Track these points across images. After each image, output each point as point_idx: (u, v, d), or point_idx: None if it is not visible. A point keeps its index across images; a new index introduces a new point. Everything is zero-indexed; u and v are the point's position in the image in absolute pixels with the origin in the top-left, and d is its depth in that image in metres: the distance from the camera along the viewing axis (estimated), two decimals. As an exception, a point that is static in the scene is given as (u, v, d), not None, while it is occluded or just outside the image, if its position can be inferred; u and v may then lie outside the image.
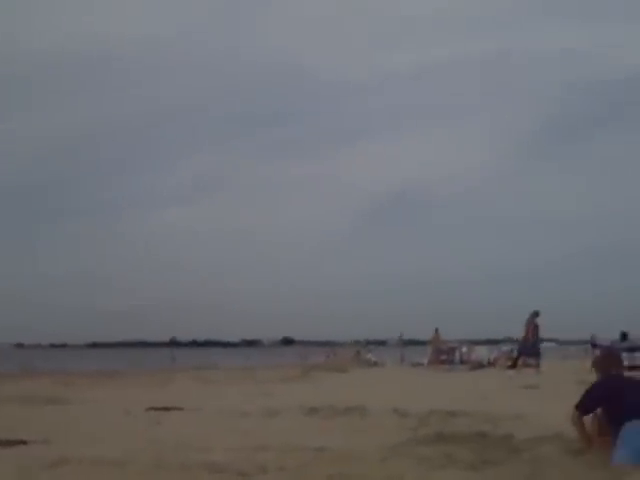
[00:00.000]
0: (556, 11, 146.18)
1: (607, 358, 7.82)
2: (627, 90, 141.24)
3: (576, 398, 7.14)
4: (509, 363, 30.26)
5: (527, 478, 5.56)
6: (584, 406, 7.09)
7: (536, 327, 25.74)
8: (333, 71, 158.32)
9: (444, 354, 34.64)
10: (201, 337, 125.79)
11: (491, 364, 31.61)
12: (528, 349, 25.71)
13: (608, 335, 24.72)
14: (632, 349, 21.55)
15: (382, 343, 48.28)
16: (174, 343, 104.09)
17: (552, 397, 13.14)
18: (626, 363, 19.30)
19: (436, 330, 35.26)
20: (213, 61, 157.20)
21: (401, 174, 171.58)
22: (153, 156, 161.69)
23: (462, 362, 33.17)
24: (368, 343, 45.57)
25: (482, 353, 34.06)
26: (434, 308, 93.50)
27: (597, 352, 21.52)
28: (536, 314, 25.85)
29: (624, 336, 24.88)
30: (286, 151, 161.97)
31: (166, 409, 12.49)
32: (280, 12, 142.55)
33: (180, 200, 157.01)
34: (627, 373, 16.77)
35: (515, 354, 31.41)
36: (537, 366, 24.83)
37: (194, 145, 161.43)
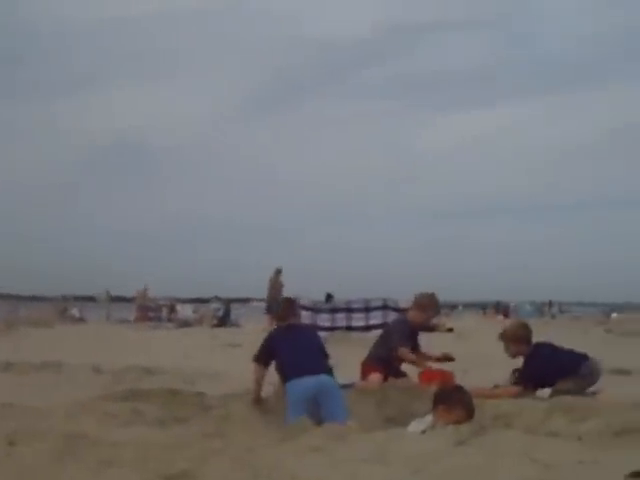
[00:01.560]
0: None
1: (285, 306, 7.70)
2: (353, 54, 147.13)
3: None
4: (215, 322, 30.72)
5: (211, 434, 5.67)
6: (259, 357, 7.20)
7: (281, 285, 25.40)
8: (57, 17, 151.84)
9: (151, 311, 34.64)
10: None
11: (198, 322, 31.89)
12: (274, 307, 24.98)
13: (315, 296, 25.25)
14: (335, 310, 22.29)
15: (91, 299, 46.99)
16: None
17: (251, 355, 13.45)
18: (328, 324, 20.38)
19: (144, 287, 35.16)
20: None
21: (122, 123, 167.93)
22: None
23: (169, 320, 33.28)
24: (75, 299, 44.24)
25: (189, 311, 34.31)
26: (145, 264, 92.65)
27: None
28: (279, 271, 25.52)
29: (329, 297, 25.64)
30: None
31: None
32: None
33: None
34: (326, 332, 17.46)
35: (221, 313, 31.96)
36: None
37: None
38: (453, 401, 5.88)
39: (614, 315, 46.23)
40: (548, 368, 7.68)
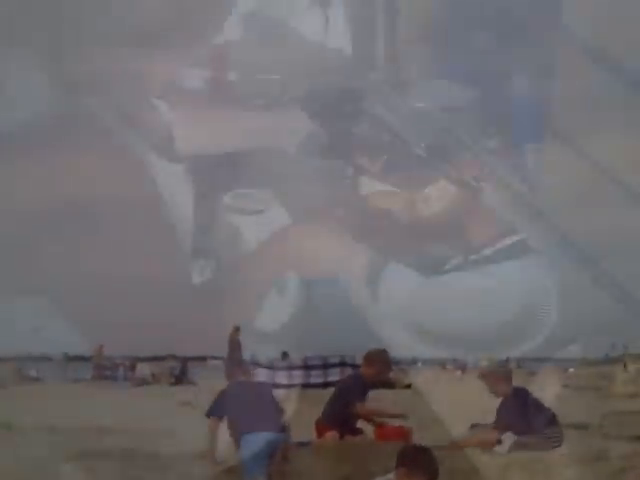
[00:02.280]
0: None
1: (234, 367, 7.93)
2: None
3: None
4: (172, 380, 30.35)
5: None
6: (212, 412, 7.20)
7: (239, 343, 24.41)
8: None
9: (107, 370, 34.10)
10: None
11: (155, 380, 31.47)
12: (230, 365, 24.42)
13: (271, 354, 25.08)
14: (292, 367, 22.23)
15: (46, 358, 46.18)
16: None
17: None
18: (285, 382, 20.32)
19: (100, 345, 34.66)
20: None
21: (62, 190, 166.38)
22: None
23: (126, 378, 32.78)
24: (30, 357, 43.50)
25: (146, 370, 33.83)
26: (97, 321, 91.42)
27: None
28: (237, 329, 24.73)
29: (284, 355, 25.50)
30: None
31: None
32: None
33: None
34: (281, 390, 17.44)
35: (177, 372, 31.56)
36: None
37: None
38: (415, 464, 5.60)
39: (571, 370, 46.47)
40: (520, 415, 7.63)
